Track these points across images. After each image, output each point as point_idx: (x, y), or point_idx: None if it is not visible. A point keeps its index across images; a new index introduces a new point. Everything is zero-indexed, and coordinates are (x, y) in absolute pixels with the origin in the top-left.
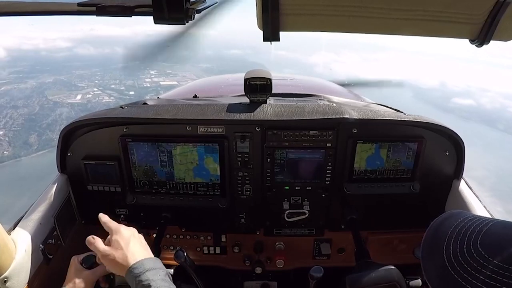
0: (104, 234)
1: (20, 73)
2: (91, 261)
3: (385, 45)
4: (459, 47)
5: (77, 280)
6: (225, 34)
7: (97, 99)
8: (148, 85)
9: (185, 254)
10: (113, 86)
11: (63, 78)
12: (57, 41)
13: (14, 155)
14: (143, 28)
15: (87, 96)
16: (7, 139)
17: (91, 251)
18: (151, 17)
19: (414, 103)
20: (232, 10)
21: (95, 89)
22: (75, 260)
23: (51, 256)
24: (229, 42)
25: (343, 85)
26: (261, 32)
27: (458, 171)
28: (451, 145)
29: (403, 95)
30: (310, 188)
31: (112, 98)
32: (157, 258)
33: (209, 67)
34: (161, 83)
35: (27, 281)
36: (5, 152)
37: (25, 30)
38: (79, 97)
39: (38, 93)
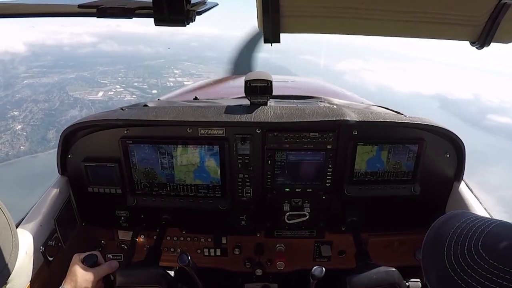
0: (103, 235)
1: (44, 68)
2: (93, 260)
3: (414, 55)
4: (490, 59)
5: (79, 278)
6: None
7: (118, 96)
8: (172, 85)
9: (189, 258)
10: (136, 84)
11: (86, 74)
12: (83, 36)
13: (31, 151)
14: (169, 27)
15: (109, 93)
16: (24, 133)
17: (92, 251)
18: (152, 19)
19: (441, 114)
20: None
21: (118, 87)
22: (77, 258)
23: (52, 258)
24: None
25: None
26: (288, 36)
27: (458, 173)
28: (451, 147)
29: (430, 105)
30: (310, 190)
31: (134, 96)
32: None
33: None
34: (185, 83)
35: (28, 283)
36: (21, 147)
37: (53, 25)
38: (100, 94)
39: (59, 88)
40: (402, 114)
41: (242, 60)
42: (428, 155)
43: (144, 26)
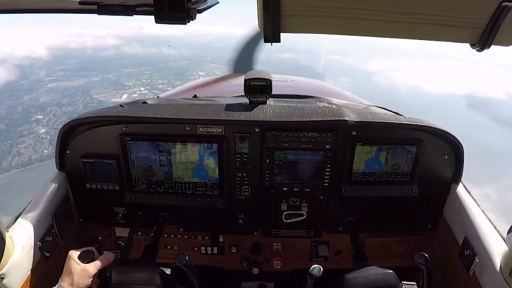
0: (101, 232)
1: (68, 71)
2: (89, 257)
3: (443, 53)
4: None
5: (76, 275)
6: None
7: (143, 98)
8: None
9: (187, 258)
10: (160, 86)
11: (110, 77)
12: (106, 39)
13: (54, 155)
14: (193, 28)
15: (133, 95)
16: (48, 137)
17: (88, 247)
18: (152, 17)
19: (470, 114)
20: None
21: (142, 89)
22: (73, 255)
23: (49, 254)
24: (283, 46)
25: None
26: (313, 36)
27: (456, 175)
28: (450, 149)
29: (460, 105)
30: (308, 189)
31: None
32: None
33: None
34: None
35: (25, 278)
36: (45, 151)
37: (77, 27)
38: (124, 96)
39: (84, 91)
40: (401, 115)
41: (243, 59)
42: (427, 156)
43: (168, 27)
